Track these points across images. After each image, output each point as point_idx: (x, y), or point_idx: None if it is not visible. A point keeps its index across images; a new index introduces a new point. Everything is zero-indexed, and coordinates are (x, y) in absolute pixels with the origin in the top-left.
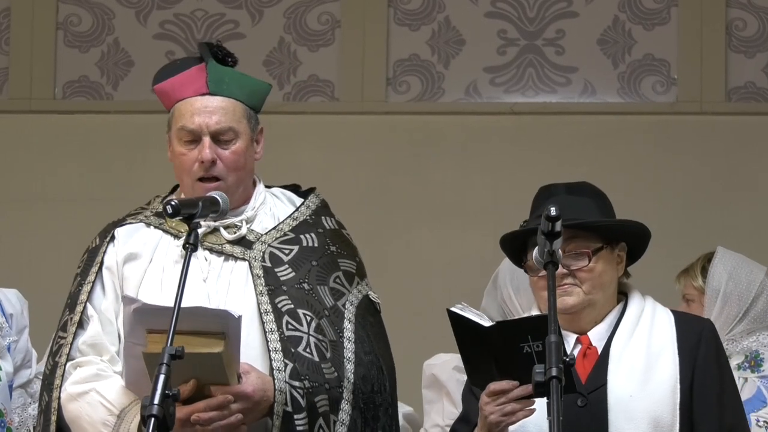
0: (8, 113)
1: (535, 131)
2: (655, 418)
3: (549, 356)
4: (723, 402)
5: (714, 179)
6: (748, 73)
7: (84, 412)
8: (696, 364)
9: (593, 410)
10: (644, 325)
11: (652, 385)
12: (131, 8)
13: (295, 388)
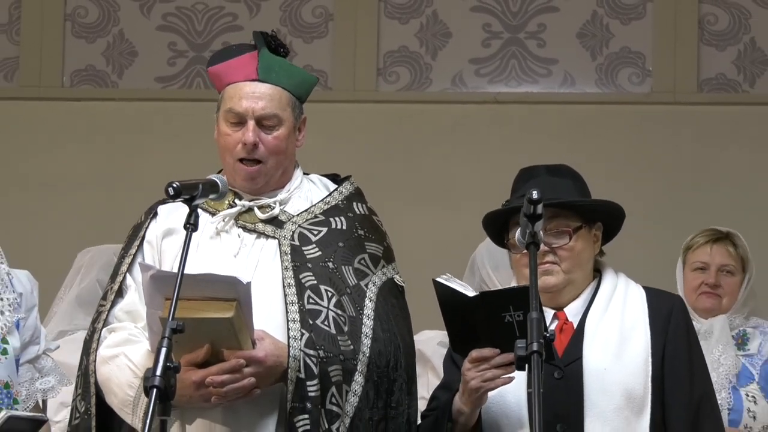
0: (19, 100)
1: (518, 119)
2: (628, 390)
3: (530, 332)
4: (692, 373)
5: (686, 165)
6: (719, 65)
7: (113, 374)
8: (667, 338)
9: (569, 382)
10: (617, 300)
11: (625, 358)
12: (135, 1)
13: (309, 357)
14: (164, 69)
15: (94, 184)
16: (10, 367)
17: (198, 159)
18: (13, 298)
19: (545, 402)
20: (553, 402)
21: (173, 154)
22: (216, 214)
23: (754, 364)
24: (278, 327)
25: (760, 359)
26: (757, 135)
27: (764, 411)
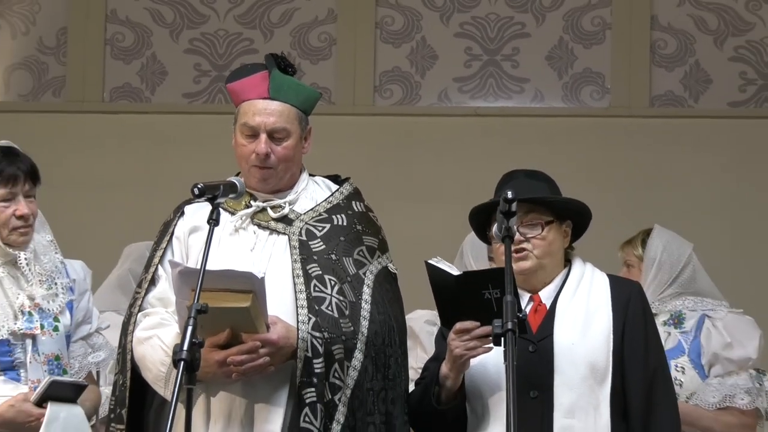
0: (65, 113)
1: (495, 130)
2: (593, 362)
3: (505, 313)
4: (648, 349)
5: (640, 171)
6: (668, 83)
7: (147, 353)
8: (626, 318)
9: (542, 355)
10: (584, 286)
11: (590, 335)
12: (166, 28)
13: (315, 338)
14: (190, 86)
15: (129, 186)
16: (60, 342)
17: (219, 164)
18: (66, 283)
19: (521, 371)
20: (527, 371)
21: (198, 160)
22: (234, 214)
23: (687, 339)
24: (288, 312)
25: (690, 335)
26: (700, 144)
27: (690, 380)
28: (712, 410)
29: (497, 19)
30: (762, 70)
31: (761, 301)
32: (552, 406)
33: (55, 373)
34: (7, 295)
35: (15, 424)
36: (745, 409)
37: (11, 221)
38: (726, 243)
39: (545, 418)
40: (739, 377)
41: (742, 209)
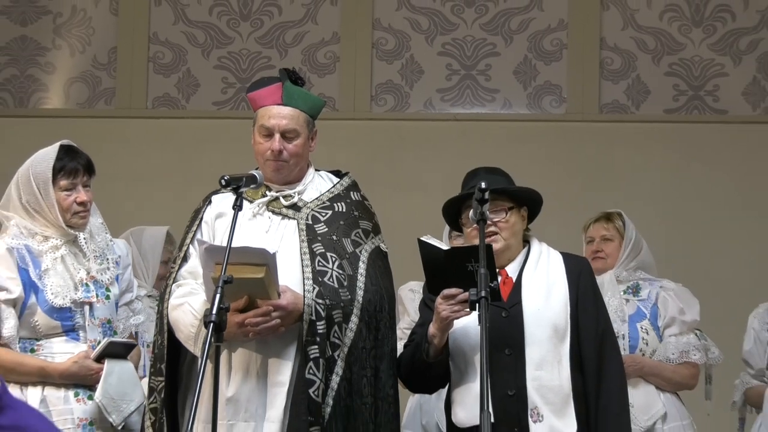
0: (115, 118)
1: (471, 133)
2: (554, 324)
3: (479, 283)
4: (597, 313)
5: (591, 166)
6: (614, 94)
7: (180, 318)
8: (579, 289)
9: (513, 319)
10: (543, 261)
11: (551, 302)
12: (198, 48)
13: (318, 304)
14: (219, 96)
15: (167, 179)
16: (111, 308)
17: (242, 160)
18: (114, 258)
19: (496, 333)
20: (502, 333)
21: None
22: (253, 202)
23: (646, 306)
24: (296, 283)
25: (650, 302)
26: (640, 144)
27: (652, 340)
28: (672, 365)
29: (473, 41)
30: (692, 82)
31: (692, 275)
32: (524, 361)
33: (107, 335)
34: (69, 269)
35: (78, 377)
36: (698, 363)
37: (73, 207)
38: (662, 227)
39: (519, 370)
40: (689, 337)
41: (675, 198)
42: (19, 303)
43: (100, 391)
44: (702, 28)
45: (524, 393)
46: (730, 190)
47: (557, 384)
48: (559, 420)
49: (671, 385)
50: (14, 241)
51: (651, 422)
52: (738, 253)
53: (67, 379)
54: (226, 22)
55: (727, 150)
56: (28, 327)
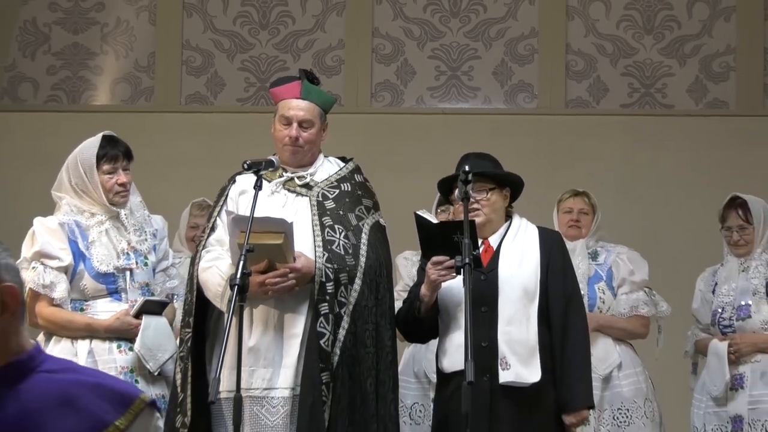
0: (153, 113)
1: (456, 125)
2: (525, 286)
3: (463, 251)
4: (565, 278)
5: (558, 154)
6: (578, 91)
7: (208, 279)
8: (550, 257)
9: (490, 282)
10: (520, 233)
11: (523, 268)
12: (224, 53)
13: (327, 268)
14: (242, 94)
15: (198, 164)
16: (149, 273)
17: (261, 148)
18: (151, 231)
19: (475, 293)
20: (479, 293)
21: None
22: (271, 182)
23: (603, 269)
24: (309, 250)
25: (606, 266)
26: (601, 134)
27: (608, 298)
28: (624, 317)
29: (458, 46)
30: (644, 81)
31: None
32: (497, 317)
33: (146, 296)
34: (112, 241)
35: (120, 331)
36: (646, 315)
37: (114, 188)
38: (619, 204)
39: (492, 325)
40: (639, 294)
41: (630, 179)
42: (69, 270)
43: (139, 343)
44: (652, 35)
45: (495, 344)
46: (675, 171)
47: (524, 338)
48: (524, 368)
49: (625, 334)
50: (65, 218)
51: (608, 371)
52: (683, 225)
53: (111, 333)
54: (248, 31)
55: (674, 138)
56: (77, 290)
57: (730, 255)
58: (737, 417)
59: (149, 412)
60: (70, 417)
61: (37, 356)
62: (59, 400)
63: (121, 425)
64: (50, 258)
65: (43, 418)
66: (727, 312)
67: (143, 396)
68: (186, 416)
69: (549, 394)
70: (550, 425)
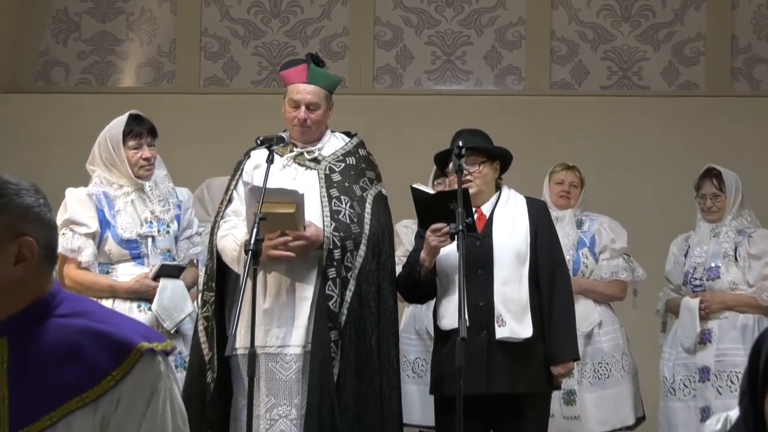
0: (174, 94)
1: (451, 105)
2: (517, 251)
3: (457, 219)
4: (552, 245)
5: (543, 130)
6: (562, 74)
7: (225, 246)
8: (537, 224)
9: (485, 247)
10: (510, 202)
11: (515, 234)
12: (239, 39)
13: (335, 236)
14: (255, 77)
15: (215, 141)
16: (171, 241)
17: (273, 125)
18: (175, 202)
19: (472, 258)
20: (476, 257)
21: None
22: (283, 156)
23: (586, 236)
24: (318, 219)
25: (589, 234)
26: (582, 113)
27: (591, 263)
28: (605, 282)
29: (452, 33)
30: (621, 65)
31: (623, 214)
32: (492, 279)
33: (168, 260)
34: (137, 210)
35: (139, 293)
36: (625, 280)
37: (139, 162)
38: (599, 177)
39: (488, 286)
40: (619, 260)
41: (609, 154)
42: (96, 236)
43: (156, 303)
44: (629, 23)
45: (492, 304)
46: (650, 147)
47: (517, 297)
48: (518, 325)
49: (605, 297)
50: (94, 189)
51: (590, 328)
52: (658, 196)
53: (131, 294)
54: (261, 19)
55: (649, 117)
56: (103, 254)
57: (702, 221)
58: (704, 368)
59: (148, 358)
60: (72, 367)
61: (53, 300)
62: (65, 349)
63: (117, 376)
64: (78, 225)
65: (51, 368)
66: (699, 272)
67: (141, 345)
68: (214, 372)
69: (539, 348)
70: (540, 376)
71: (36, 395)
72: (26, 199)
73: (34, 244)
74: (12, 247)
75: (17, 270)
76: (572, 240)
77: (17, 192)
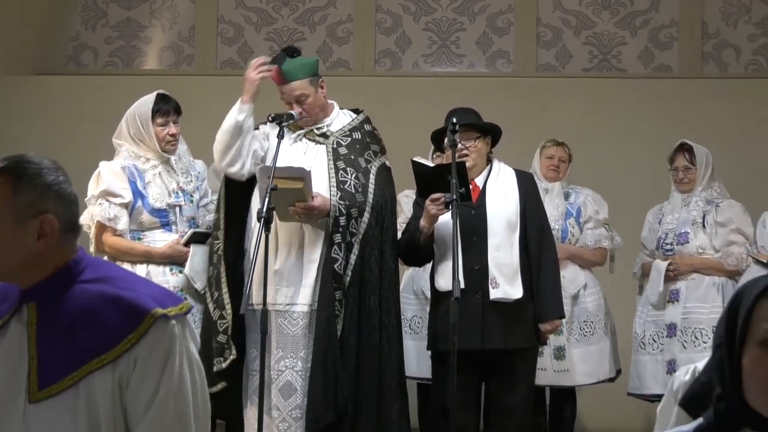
0: (194, 76)
1: (446, 86)
2: (508, 219)
3: (452, 190)
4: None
5: (530, 110)
6: (547, 58)
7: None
8: (526, 195)
9: (479, 216)
10: (501, 175)
11: (506, 203)
12: (252, 26)
13: (341, 205)
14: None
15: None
16: (194, 209)
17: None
18: (195, 174)
19: (467, 225)
20: (471, 225)
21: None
22: (294, 132)
23: (573, 207)
24: (325, 190)
25: (575, 206)
26: (566, 93)
27: (577, 232)
28: (590, 249)
29: (447, 20)
30: (602, 49)
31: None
32: (486, 245)
33: (192, 227)
34: (164, 182)
35: (172, 257)
36: (607, 248)
37: (166, 137)
38: (582, 152)
39: (482, 251)
40: (601, 230)
41: (591, 131)
42: (129, 206)
43: (188, 267)
44: (609, 10)
45: (486, 267)
46: (629, 124)
47: (509, 262)
48: (510, 287)
49: (589, 263)
50: (126, 162)
51: (576, 290)
52: (636, 170)
53: (165, 258)
54: (272, 8)
55: (627, 97)
56: (136, 222)
57: (675, 191)
58: (672, 324)
59: (162, 323)
60: (93, 330)
61: (76, 267)
62: (86, 313)
63: (133, 339)
64: (114, 195)
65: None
66: (670, 238)
67: (155, 311)
68: (224, 309)
69: (528, 308)
70: (530, 333)
71: (61, 355)
72: (47, 178)
73: (54, 220)
74: (34, 223)
75: (39, 244)
76: (561, 211)
77: (38, 172)
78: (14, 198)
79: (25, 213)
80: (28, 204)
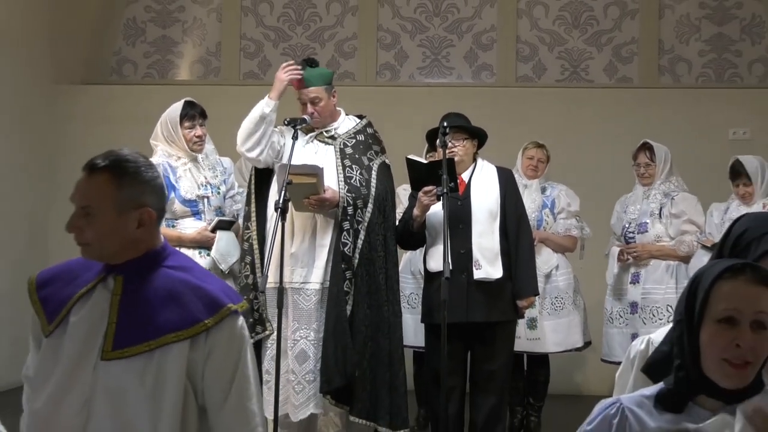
0: (220, 85)
1: (438, 95)
2: (490, 210)
3: (442, 183)
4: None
5: (509, 116)
6: (526, 70)
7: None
8: (506, 188)
9: (465, 206)
10: (484, 171)
11: (488, 196)
12: (270, 42)
13: (348, 197)
14: None
15: None
16: (221, 200)
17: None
18: (221, 170)
19: (455, 215)
20: (458, 215)
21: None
22: (307, 135)
23: (548, 200)
24: (334, 184)
25: (550, 199)
26: (541, 103)
27: (551, 222)
28: (560, 236)
29: (439, 38)
30: (572, 63)
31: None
32: (471, 232)
33: (219, 216)
34: (193, 176)
35: (201, 242)
36: (576, 236)
37: (193, 138)
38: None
39: (467, 237)
40: (572, 220)
41: (563, 135)
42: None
43: (214, 250)
44: (578, 29)
45: (470, 251)
46: (594, 128)
47: (491, 246)
48: (491, 268)
49: (560, 247)
50: (160, 159)
51: (549, 270)
52: (601, 167)
53: (194, 243)
54: (288, 27)
55: (593, 104)
56: (170, 212)
57: (638, 185)
58: (634, 303)
59: (233, 317)
60: (174, 309)
61: (162, 252)
62: (169, 293)
63: (209, 323)
64: None
65: (155, 306)
66: (632, 226)
67: (230, 305)
68: (256, 275)
69: (507, 286)
70: (509, 308)
71: (140, 324)
72: (145, 175)
73: (153, 212)
74: (135, 214)
75: (138, 232)
76: (537, 204)
77: (136, 170)
78: (117, 193)
79: (127, 206)
80: (129, 198)
